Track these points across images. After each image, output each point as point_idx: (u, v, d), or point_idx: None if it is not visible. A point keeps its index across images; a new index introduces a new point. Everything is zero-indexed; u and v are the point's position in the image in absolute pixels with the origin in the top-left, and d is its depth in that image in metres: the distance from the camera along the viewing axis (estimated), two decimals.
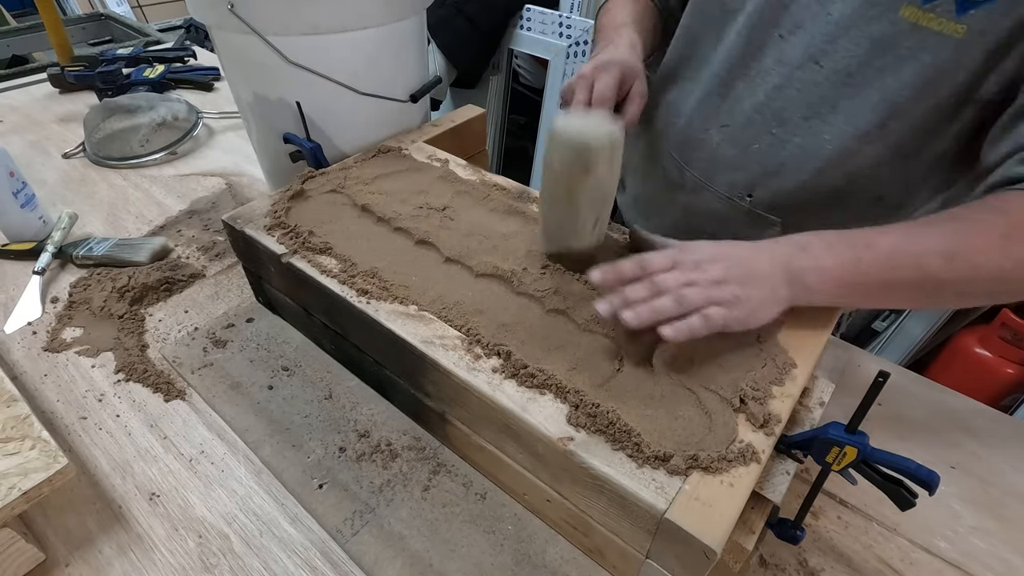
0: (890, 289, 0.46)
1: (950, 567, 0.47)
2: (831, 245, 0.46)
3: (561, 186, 0.48)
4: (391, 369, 0.53)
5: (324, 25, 0.63)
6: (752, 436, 0.40)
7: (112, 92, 1.12)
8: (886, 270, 0.45)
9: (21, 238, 0.77)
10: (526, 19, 1.70)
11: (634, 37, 0.65)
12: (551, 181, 0.49)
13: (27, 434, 0.45)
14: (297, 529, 0.48)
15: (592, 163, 0.46)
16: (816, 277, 0.45)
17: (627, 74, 0.59)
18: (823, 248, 0.46)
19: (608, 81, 0.57)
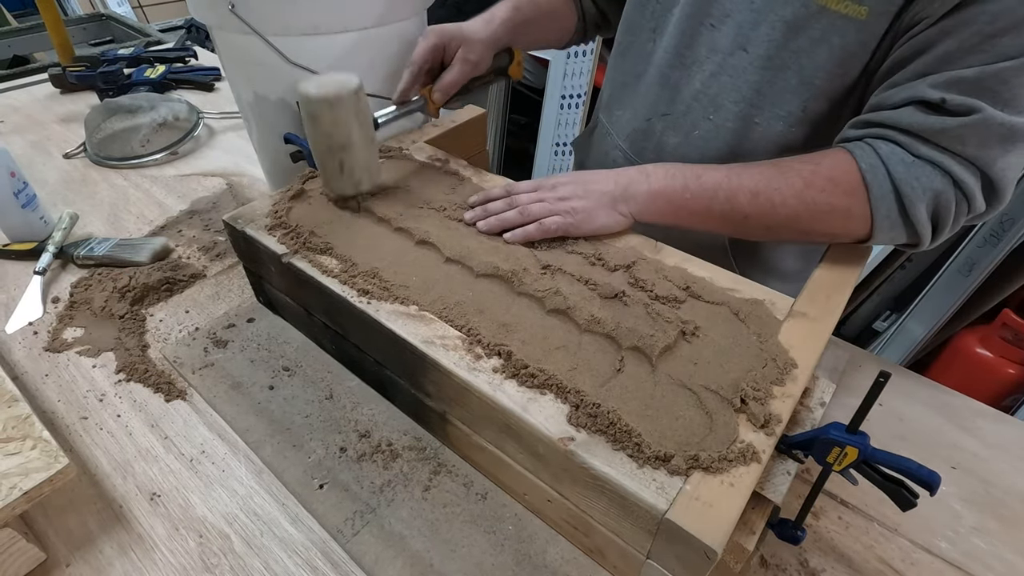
0: (707, 215, 0.54)
1: (951, 567, 0.47)
2: (668, 173, 0.55)
3: (307, 134, 0.57)
4: (392, 369, 0.53)
5: (325, 25, 0.63)
6: (753, 436, 0.40)
7: (113, 92, 1.13)
8: (704, 199, 0.54)
9: (22, 238, 0.77)
10: None
11: (499, 12, 0.68)
12: (306, 132, 0.57)
13: (28, 434, 0.45)
14: (298, 529, 0.48)
15: (314, 114, 0.54)
16: (647, 197, 0.55)
17: (449, 42, 0.63)
18: (661, 174, 0.55)
19: (421, 47, 0.63)
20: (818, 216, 0.51)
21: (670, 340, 0.46)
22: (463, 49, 0.63)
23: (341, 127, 0.55)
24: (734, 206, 0.53)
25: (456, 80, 0.64)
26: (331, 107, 0.53)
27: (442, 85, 0.64)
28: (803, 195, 0.51)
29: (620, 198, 0.56)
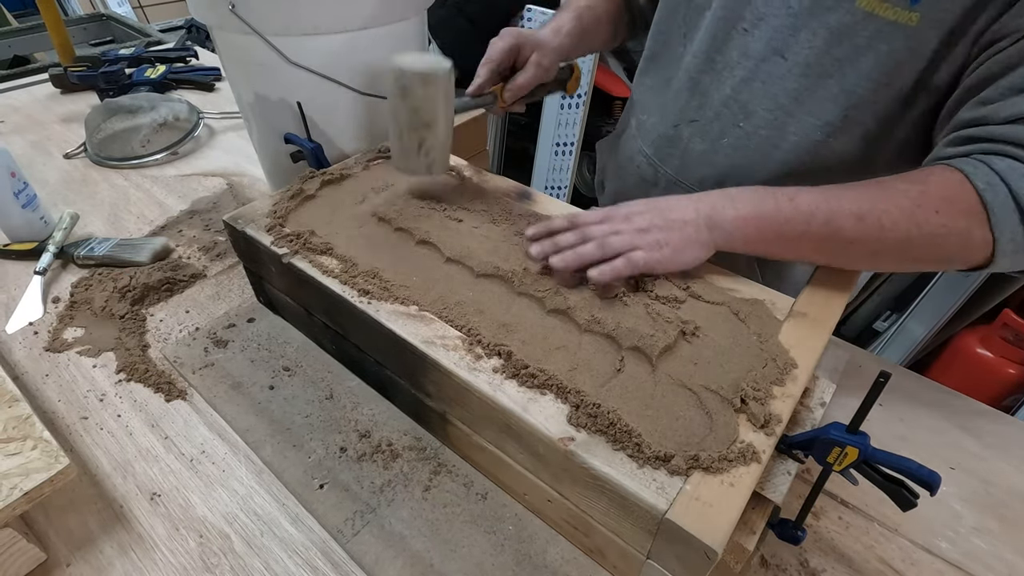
0: (804, 241, 0.49)
1: (951, 567, 0.47)
2: (756, 197, 0.50)
3: (390, 109, 0.56)
4: (392, 369, 0.53)
5: (325, 25, 0.63)
6: (753, 436, 0.40)
7: (114, 92, 1.13)
8: (799, 223, 0.48)
9: (22, 238, 0.77)
10: (527, 19, 1.70)
11: (565, 21, 0.68)
12: (388, 108, 0.57)
13: (28, 434, 0.45)
14: (298, 529, 0.48)
15: (407, 88, 0.54)
16: (735, 224, 0.50)
17: (524, 45, 0.63)
18: (748, 198, 0.50)
19: (498, 45, 0.62)
20: (933, 240, 0.46)
21: (670, 340, 0.46)
22: (537, 54, 0.63)
23: (430, 104, 0.55)
24: (835, 230, 0.47)
25: (528, 83, 0.63)
26: (424, 83, 0.53)
27: (515, 86, 0.63)
28: (915, 216, 0.45)
29: (705, 226, 0.50)
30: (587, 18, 0.70)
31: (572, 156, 1.91)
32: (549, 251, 0.51)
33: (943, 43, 0.48)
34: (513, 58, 0.63)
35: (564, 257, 0.50)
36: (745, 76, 0.59)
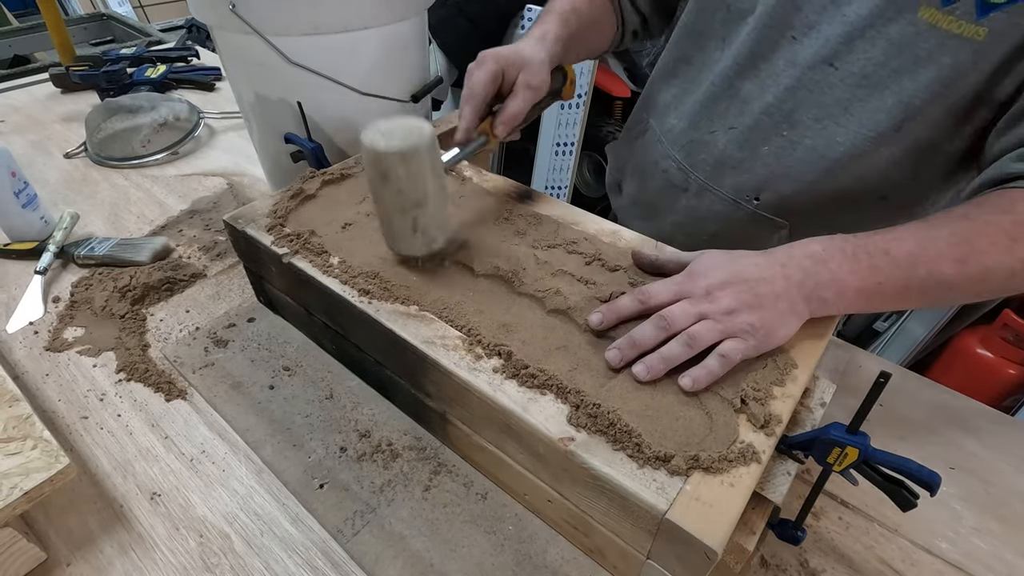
0: (905, 295, 0.45)
1: (951, 568, 0.47)
2: (849, 256, 0.45)
3: (372, 194, 0.50)
4: (392, 369, 0.53)
5: (325, 25, 0.63)
6: (753, 436, 0.40)
7: (114, 92, 1.13)
8: (900, 278, 0.44)
9: (23, 238, 0.77)
10: (527, 19, 1.70)
11: (550, 27, 0.61)
12: (370, 190, 0.50)
13: (28, 434, 0.45)
14: (298, 529, 0.48)
15: (387, 171, 0.46)
16: (834, 291, 0.44)
17: (507, 67, 0.55)
18: (841, 260, 0.45)
19: (480, 76, 0.54)
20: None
21: None
22: (524, 73, 0.56)
23: (416, 182, 0.47)
24: (938, 280, 0.44)
25: (521, 109, 0.55)
26: (406, 162, 0.46)
27: (507, 117, 0.55)
28: (1014, 251, 0.44)
29: (799, 298, 0.44)
30: (574, 22, 0.64)
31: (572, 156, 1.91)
32: (629, 356, 0.44)
33: (1009, 56, 0.47)
34: (498, 85, 0.56)
35: (651, 368, 0.43)
36: (791, 84, 0.58)
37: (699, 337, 0.43)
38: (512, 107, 0.55)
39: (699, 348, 0.43)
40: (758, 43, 0.59)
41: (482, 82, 0.54)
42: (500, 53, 0.56)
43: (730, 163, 0.65)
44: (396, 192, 0.48)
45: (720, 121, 0.65)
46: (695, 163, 0.68)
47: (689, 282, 0.46)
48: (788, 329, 0.44)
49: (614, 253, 0.55)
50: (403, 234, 0.51)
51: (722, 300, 0.44)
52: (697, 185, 0.69)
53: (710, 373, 0.42)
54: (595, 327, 0.46)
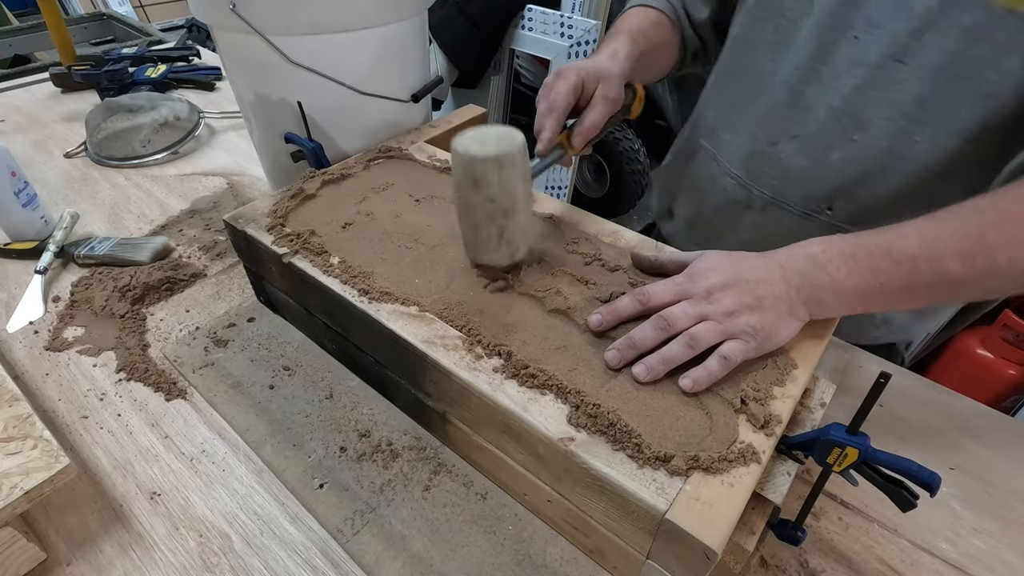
0: (909, 294, 0.44)
1: (951, 568, 0.47)
2: (848, 257, 0.44)
3: (460, 201, 0.49)
4: (392, 369, 0.53)
5: (326, 25, 0.63)
6: (753, 437, 0.40)
7: (114, 92, 1.13)
8: (902, 278, 0.43)
9: (23, 237, 0.77)
10: (527, 19, 1.70)
11: (620, 46, 0.62)
12: (454, 194, 0.50)
13: (29, 433, 0.45)
14: (298, 528, 0.48)
15: (480, 178, 0.46)
16: (833, 293, 0.44)
17: (588, 78, 0.55)
18: (840, 262, 0.44)
19: (561, 87, 0.54)
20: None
21: None
22: (603, 86, 0.55)
23: (508, 190, 0.47)
24: (942, 277, 0.43)
25: (599, 121, 0.55)
26: (500, 168, 0.45)
27: (585, 128, 0.55)
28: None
29: (799, 301, 0.44)
30: (642, 42, 0.64)
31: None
32: (629, 356, 0.44)
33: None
34: (577, 97, 0.55)
35: (651, 368, 0.43)
36: (857, 84, 0.55)
37: (700, 338, 0.43)
38: (591, 119, 0.55)
39: (699, 349, 0.43)
40: (818, 45, 0.57)
41: (564, 93, 0.53)
42: (580, 66, 0.56)
43: (797, 173, 0.62)
44: (487, 200, 0.47)
45: (782, 131, 0.62)
46: (758, 177, 0.65)
47: (690, 283, 0.46)
48: (788, 331, 0.44)
49: (614, 253, 0.55)
50: (488, 243, 0.50)
51: (723, 301, 0.44)
52: (762, 200, 0.66)
53: (710, 374, 0.42)
54: (594, 328, 0.47)
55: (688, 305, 0.44)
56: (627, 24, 0.68)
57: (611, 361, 0.44)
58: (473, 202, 0.48)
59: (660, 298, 0.46)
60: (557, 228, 0.59)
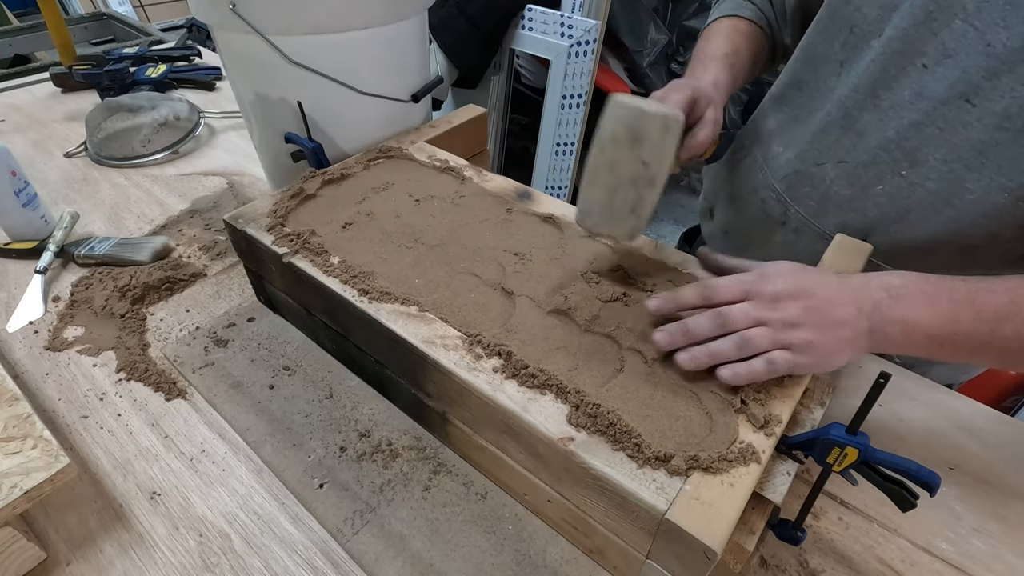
0: (982, 352, 0.42)
1: (951, 568, 0.47)
2: (929, 297, 0.42)
3: (605, 156, 0.47)
4: (392, 369, 0.53)
5: (326, 25, 0.63)
6: (753, 437, 0.40)
7: (114, 92, 1.13)
8: (983, 334, 0.41)
9: (23, 237, 0.77)
10: (527, 19, 1.70)
11: (720, 74, 0.60)
12: (598, 151, 0.48)
13: (28, 433, 0.45)
14: (298, 528, 0.48)
15: (641, 135, 0.45)
16: (902, 330, 0.42)
17: (701, 98, 0.54)
18: (920, 300, 0.42)
19: (678, 97, 0.52)
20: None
21: None
22: (713, 108, 0.54)
23: (661, 156, 0.46)
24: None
25: (708, 140, 0.53)
26: (666, 130, 0.45)
27: (696, 144, 0.52)
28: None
29: (864, 330, 0.42)
30: (736, 66, 0.63)
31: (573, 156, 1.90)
32: (678, 342, 0.43)
33: None
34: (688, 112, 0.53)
35: (695, 357, 0.42)
36: (917, 119, 0.52)
37: (752, 341, 0.42)
38: (701, 136, 0.53)
39: (748, 353, 0.42)
40: (883, 70, 0.53)
41: (681, 104, 0.52)
42: (693, 84, 0.54)
43: (837, 200, 0.60)
44: (638, 161, 0.46)
45: (830, 153, 0.59)
46: (797, 196, 0.63)
47: (759, 283, 0.44)
48: (841, 358, 0.42)
49: (614, 253, 0.55)
50: (620, 212, 0.48)
51: (787, 310, 0.42)
52: (797, 220, 0.64)
53: (752, 373, 0.41)
54: (652, 311, 0.46)
55: (749, 307, 0.43)
56: (720, 44, 0.65)
57: (660, 342, 0.44)
58: (622, 160, 0.46)
59: (725, 295, 0.44)
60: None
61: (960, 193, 0.51)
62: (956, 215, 0.52)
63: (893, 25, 0.52)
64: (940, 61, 0.49)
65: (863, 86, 0.55)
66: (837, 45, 0.58)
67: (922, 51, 0.50)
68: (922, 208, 0.54)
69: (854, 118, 0.57)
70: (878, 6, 0.54)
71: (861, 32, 0.55)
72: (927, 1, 0.49)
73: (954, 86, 0.49)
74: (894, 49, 0.52)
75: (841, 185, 0.59)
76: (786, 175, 0.64)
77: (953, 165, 0.51)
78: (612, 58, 2.11)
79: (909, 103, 0.52)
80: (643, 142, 0.45)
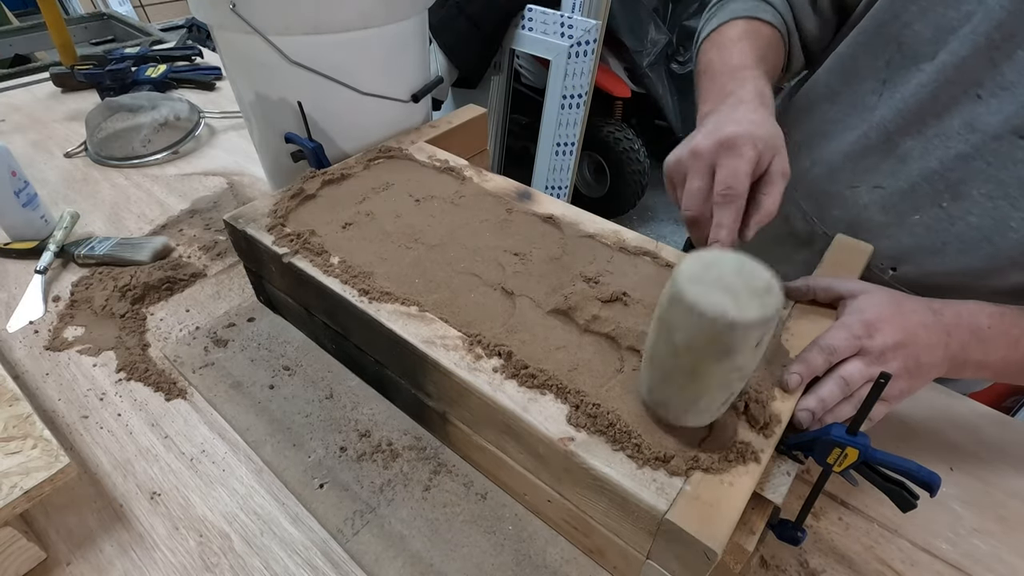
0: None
1: (951, 568, 0.47)
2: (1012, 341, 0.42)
3: (683, 363, 0.35)
4: (392, 369, 0.53)
5: (326, 25, 0.63)
6: (753, 437, 0.40)
7: (114, 92, 1.13)
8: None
9: (23, 237, 0.77)
10: (527, 19, 1.70)
11: (763, 85, 0.52)
12: (668, 353, 0.35)
13: (29, 433, 0.45)
14: (298, 528, 0.48)
15: (734, 347, 0.32)
16: (975, 372, 0.43)
17: (765, 151, 0.45)
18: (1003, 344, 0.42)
19: (740, 168, 0.43)
20: None
21: None
22: (779, 160, 0.46)
23: (757, 354, 0.34)
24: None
25: (777, 203, 0.46)
26: (764, 334, 0.33)
27: (764, 216, 0.46)
28: None
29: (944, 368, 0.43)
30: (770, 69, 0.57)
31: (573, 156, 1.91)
32: (820, 415, 0.42)
33: None
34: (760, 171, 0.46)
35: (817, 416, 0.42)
36: (965, 151, 0.50)
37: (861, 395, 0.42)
38: (770, 205, 0.46)
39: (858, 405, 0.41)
40: (933, 97, 0.51)
41: (746, 176, 0.44)
42: (756, 136, 0.45)
43: (869, 225, 0.57)
44: (733, 368, 0.34)
45: (866, 177, 0.56)
46: (825, 217, 0.60)
47: (867, 337, 0.42)
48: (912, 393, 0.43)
49: (613, 253, 0.55)
50: (708, 410, 0.38)
51: (891, 364, 0.42)
52: (824, 241, 0.59)
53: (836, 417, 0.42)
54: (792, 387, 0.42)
55: (863, 366, 0.42)
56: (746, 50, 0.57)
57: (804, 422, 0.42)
58: (710, 370, 0.34)
59: (843, 349, 0.43)
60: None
61: (1002, 230, 0.50)
62: (994, 252, 0.51)
63: (949, 50, 0.49)
64: (996, 93, 0.47)
65: (909, 111, 0.52)
66: (881, 62, 0.55)
67: (979, 81, 0.48)
68: (960, 242, 0.52)
69: (896, 143, 0.54)
70: (933, 27, 0.50)
71: (911, 52, 0.52)
72: (991, 29, 0.46)
73: (1009, 120, 0.47)
74: (948, 77, 0.49)
75: (875, 211, 0.57)
76: (815, 193, 0.61)
77: (998, 201, 0.49)
78: (612, 58, 2.11)
79: (958, 134, 0.50)
80: (736, 351, 0.33)
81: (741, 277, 0.32)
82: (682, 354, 0.34)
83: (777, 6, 0.62)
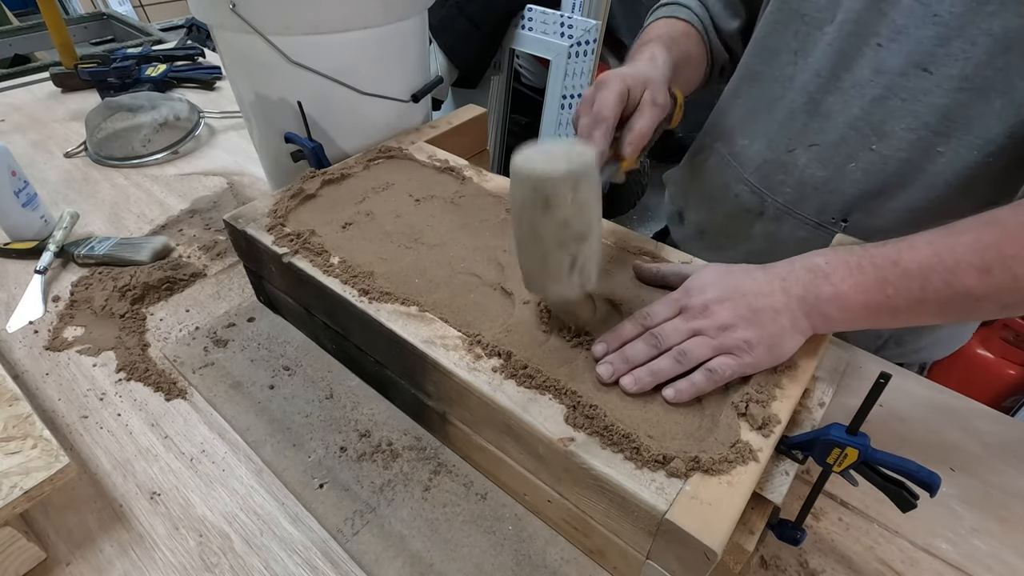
0: (921, 309, 0.42)
1: (951, 568, 0.47)
2: (853, 268, 0.42)
3: (524, 226, 0.42)
4: (392, 369, 0.53)
5: (326, 25, 0.63)
6: (753, 437, 0.40)
7: (114, 91, 1.13)
8: (913, 290, 0.41)
9: (23, 237, 0.77)
10: (527, 19, 1.70)
11: (657, 51, 0.59)
12: (515, 221, 0.43)
13: (28, 433, 0.45)
14: (298, 528, 0.48)
15: (551, 199, 0.39)
16: (838, 306, 0.42)
17: (633, 85, 0.51)
18: (846, 273, 0.42)
19: (607, 97, 0.49)
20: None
21: None
22: (650, 91, 0.52)
23: (584, 211, 0.40)
24: (956, 291, 0.40)
25: (649, 128, 0.51)
26: (575, 187, 0.39)
27: (636, 137, 0.50)
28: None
29: (800, 313, 0.43)
30: (675, 50, 0.62)
31: None
32: (621, 370, 0.43)
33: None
34: (624, 105, 0.51)
35: (638, 379, 0.42)
36: (879, 94, 0.54)
37: (690, 353, 0.42)
38: (640, 126, 0.50)
39: (690, 364, 0.42)
40: (840, 52, 0.55)
41: (611, 103, 0.49)
42: (623, 73, 0.52)
43: (813, 183, 0.61)
44: (559, 224, 0.40)
45: (799, 139, 0.61)
46: (772, 185, 0.64)
47: (686, 297, 0.45)
48: (790, 345, 0.43)
49: (614, 253, 0.55)
50: (558, 274, 0.43)
51: (718, 315, 0.43)
52: (775, 209, 0.65)
53: (694, 385, 0.42)
54: (599, 356, 0.45)
55: (680, 320, 0.44)
56: (656, 32, 0.65)
57: (603, 375, 0.43)
58: (541, 227, 0.40)
59: (660, 317, 0.45)
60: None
61: (932, 158, 0.53)
62: (931, 181, 0.54)
63: (844, 9, 0.55)
64: (893, 37, 0.52)
65: (823, 70, 0.57)
66: (790, 35, 0.60)
67: (875, 31, 0.53)
68: (898, 179, 0.56)
69: (818, 101, 0.59)
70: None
71: (813, 20, 0.58)
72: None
73: (909, 57, 0.51)
74: (848, 32, 0.54)
75: (815, 168, 0.60)
76: (758, 166, 0.66)
77: (920, 132, 0.53)
78: (612, 58, 2.11)
79: (870, 80, 0.54)
80: (554, 206, 0.39)
81: (564, 151, 0.39)
82: (521, 217, 0.41)
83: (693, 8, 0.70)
